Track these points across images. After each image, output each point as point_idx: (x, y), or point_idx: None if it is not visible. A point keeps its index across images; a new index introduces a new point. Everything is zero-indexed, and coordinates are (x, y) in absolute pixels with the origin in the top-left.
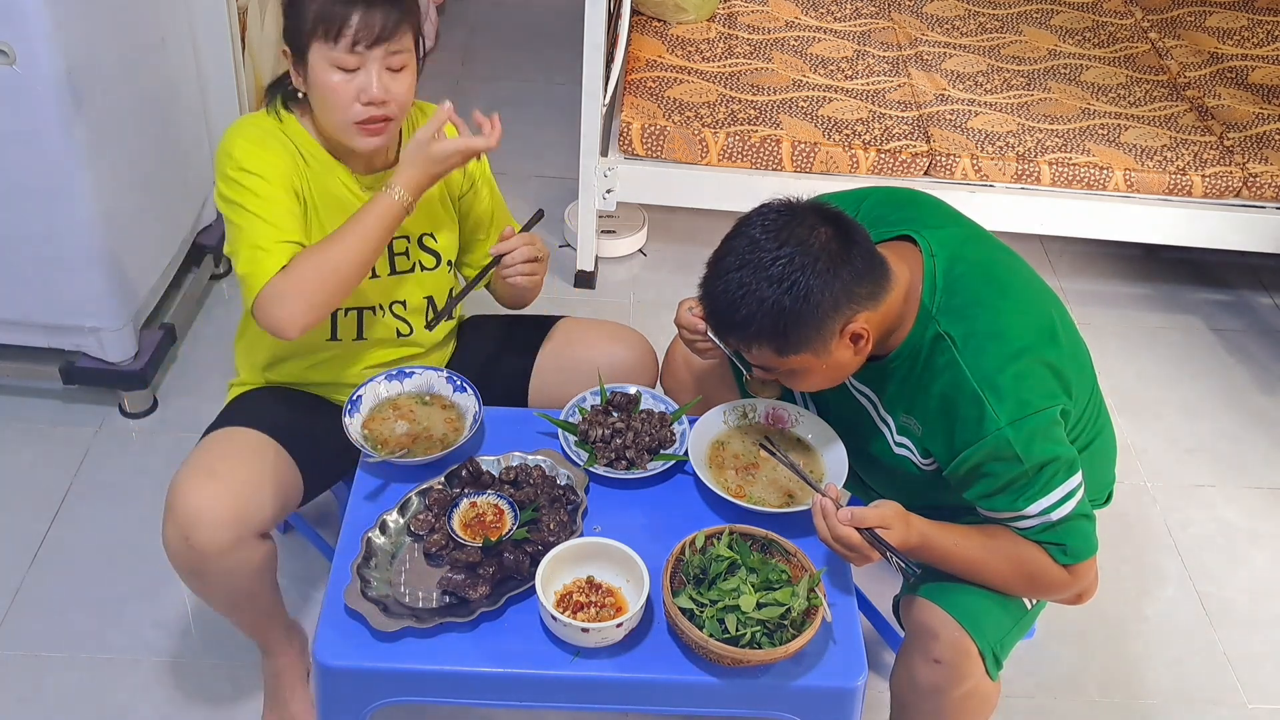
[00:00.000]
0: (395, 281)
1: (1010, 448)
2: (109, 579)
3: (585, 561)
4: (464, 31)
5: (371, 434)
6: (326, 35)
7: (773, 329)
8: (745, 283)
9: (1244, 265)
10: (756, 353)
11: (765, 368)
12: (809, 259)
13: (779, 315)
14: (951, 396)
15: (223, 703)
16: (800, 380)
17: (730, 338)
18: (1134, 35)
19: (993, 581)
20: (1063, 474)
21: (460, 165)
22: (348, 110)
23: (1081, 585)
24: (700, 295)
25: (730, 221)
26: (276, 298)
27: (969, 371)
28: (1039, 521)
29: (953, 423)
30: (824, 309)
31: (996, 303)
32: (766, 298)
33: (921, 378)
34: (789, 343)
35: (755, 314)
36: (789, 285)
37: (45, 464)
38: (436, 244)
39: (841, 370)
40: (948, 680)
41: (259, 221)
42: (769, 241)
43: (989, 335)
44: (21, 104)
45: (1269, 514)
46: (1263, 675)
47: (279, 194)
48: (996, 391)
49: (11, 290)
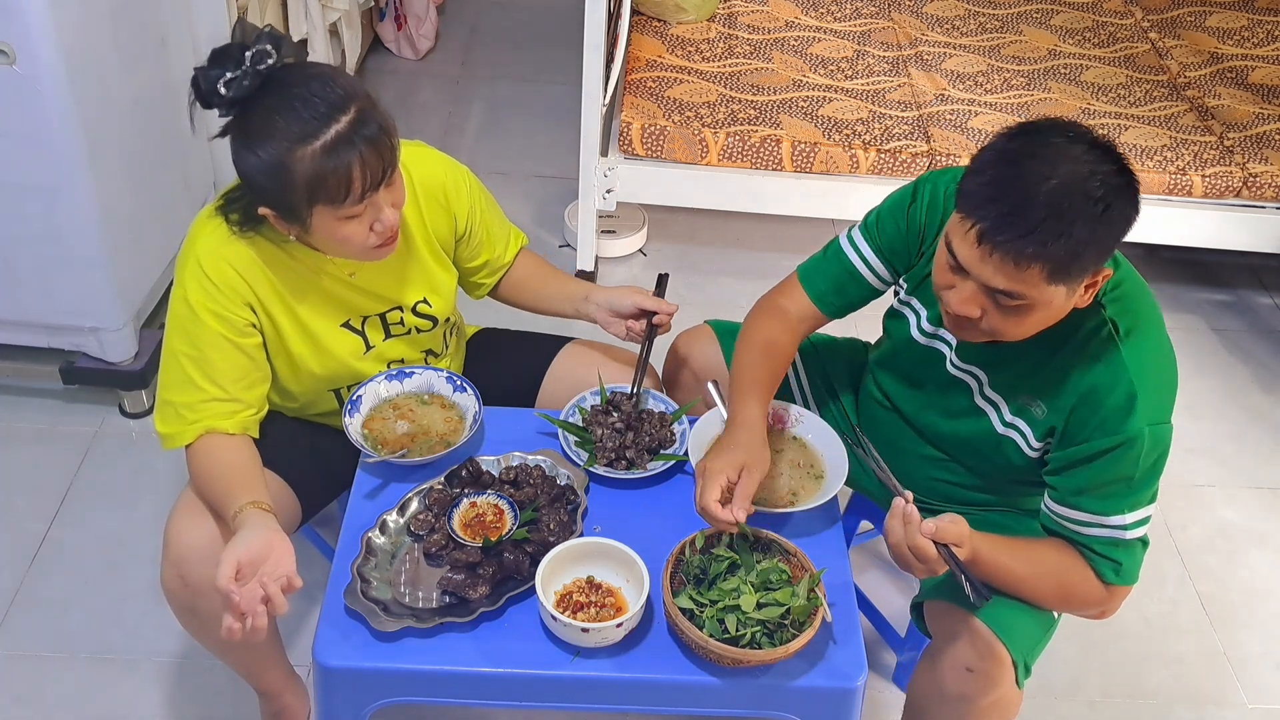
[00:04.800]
0: (390, 345)
1: (1138, 447)
2: (109, 579)
3: (585, 561)
4: (464, 31)
5: (371, 434)
6: (332, 199)
7: (1075, 248)
8: (1065, 193)
9: (1244, 265)
10: (1028, 274)
11: (1009, 295)
12: (1117, 189)
13: (1086, 239)
14: (1103, 387)
15: (223, 703)
16: (1020, 320)
17: (1012, 251)
18: (1134, 35)
19: (1030, 595)
20: (1152, 497)
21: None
22: (364, 245)
23: (1114, 606)
24: (983, 182)
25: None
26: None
27: (1130, 367)
28: (1112, 534)
29: (1095, 411)
30: (1108, 245)
31: (1154, 311)
32: (1079, 216)
33: (1065, 363)
34: (1072, 268)
35: (1064, 232)
36: (1105, 207)
37: (45, 464)
38: (432, 309)
39: (1051, 319)
40: (978, 689)
41: (189, 375)
42: (1082, 153)
43: (1150, 339)
44: (21, 104)
45: (1269, 514)
46: (1263, 675)
47: (224, 345)
48: (1149, 391)
49: (11, 290)
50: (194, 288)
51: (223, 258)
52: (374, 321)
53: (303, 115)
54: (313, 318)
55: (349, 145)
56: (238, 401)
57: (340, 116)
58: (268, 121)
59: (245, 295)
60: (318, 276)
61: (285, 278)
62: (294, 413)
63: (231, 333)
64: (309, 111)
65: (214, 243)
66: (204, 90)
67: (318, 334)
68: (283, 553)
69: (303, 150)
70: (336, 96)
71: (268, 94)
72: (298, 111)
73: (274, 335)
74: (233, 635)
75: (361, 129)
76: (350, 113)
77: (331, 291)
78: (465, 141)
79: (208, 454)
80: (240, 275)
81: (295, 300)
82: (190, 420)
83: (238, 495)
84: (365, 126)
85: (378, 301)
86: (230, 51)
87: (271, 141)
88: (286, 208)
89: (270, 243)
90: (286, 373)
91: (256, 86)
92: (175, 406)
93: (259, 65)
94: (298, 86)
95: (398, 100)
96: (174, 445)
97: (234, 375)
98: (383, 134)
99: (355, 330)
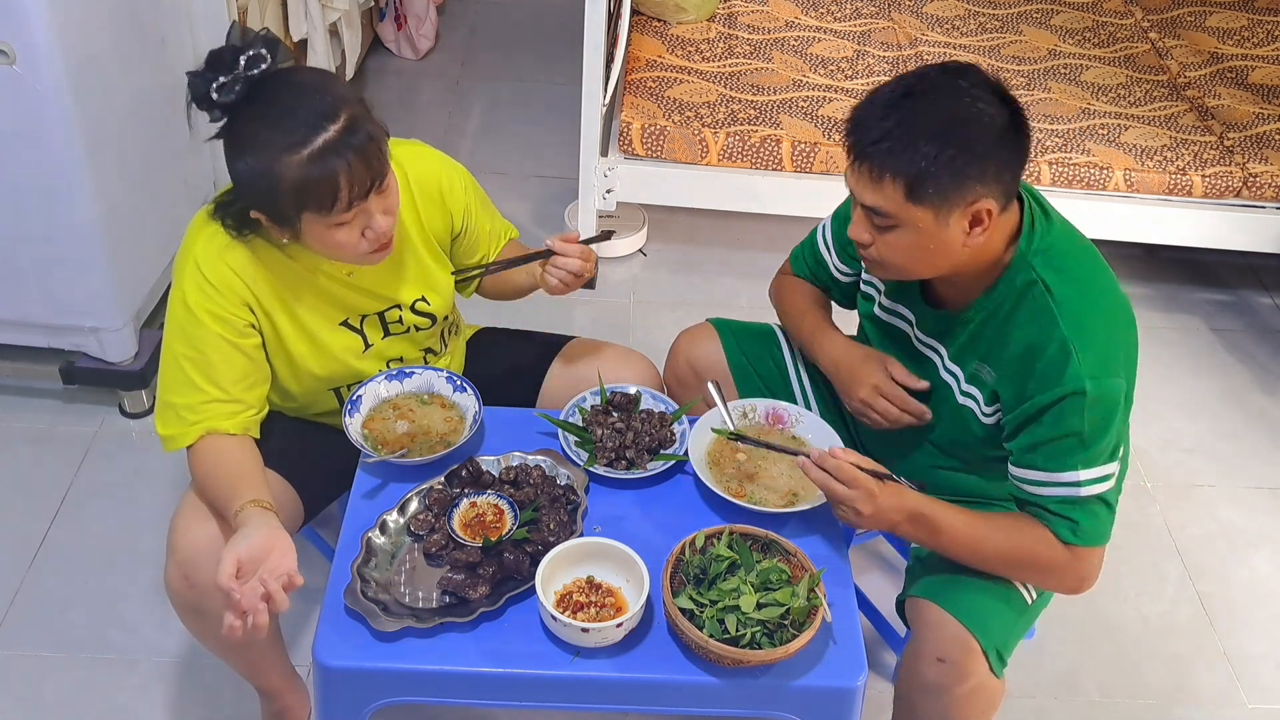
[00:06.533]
0: (389, 343)
1: (1081, 401)
2: (109, 579)
3: (585, 561)
4: (464, 31)
5: (371, 434)
6: (320, 207)
7: (919, 165)
8: (921, 112)
9: (1244, 265)
10: (887, 188)
11: (879, 212)
12: (984, 122)
13: (935, 155)
14: (1038, 344)
15: (223, 703)
16: (897, 248)
17: (869, 161)
18: (1134, 35)
19: (991, 561)
20: (1108, 454)
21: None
22: (356, 251)
23: (1081, 572)
24: (858, 106)
25: (730, 221)
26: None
27: (1062, 320)
28: (1066, 491)
29: (1033, 367)
30: (973, 170)
31: (1093, 268)
32: (930, 131)
33: (1004, 326)
34: (923, 189)
35: (913, 144)
36: (960, 131)
37: (45, 464)
38: (430, 306)
39: (939, 254)
40: (952, 678)
41: (190, 377)
42: (955, 84)
43: (1085, 292)
44: (21, 104)
45: (1269, 514)
46: (1263, 675)
47: (224, 346)
48: (1086, 343)
49: (11, 290)
50: (192, 289)
51: (220, 259)
52: (372, 320)
53: (289, 123)
54: (311, 317)
55: (335, 154)
56: (238, 402)
57: (328, 125)
58: (256, 128)
59: (244, 296)
60: (315, 276)
61: (283, 278)
62: (294, 412)
63: (231, 334)
64: (296, 119)
65: (211, 244)
66: (197, 94)
67: (316, 333)
68: (284, 550)
69: (289, 158)
70: (326, 104)
71: (258, 100)
72: (285, 119)
73: (273, 335)
74: (234, 633)
75: (350, 138)
76: (339, 121)
77: (329, 291)
78: (465, 141)
79: (209, 455)
80: (238, 276)
81: (293, 300)
82: (191, 422)
83: (239, 494)
84: (354, 135)
85: (376, 300)
86: (224, 56)
87: (259, 148)
88: (276, 214)
89: (267, 243)
90: (286, 373)
91: (247, 92)
92: (176, 408)
93: (251, 71)
94: (288, 93)
95: (398, 100)
96: (175, 447)
97: (234, 376)
98: (371, 143)
99: (354, 329)
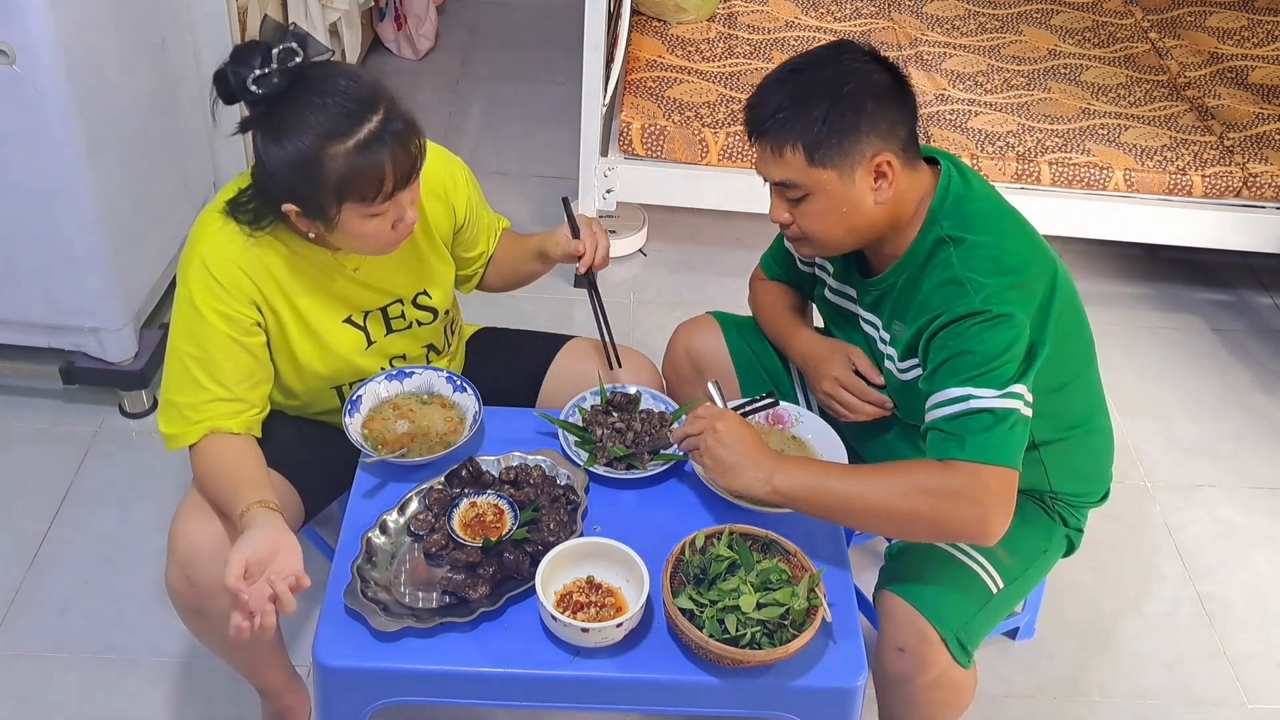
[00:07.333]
0: (391, 340)
1: (970, 321)
2: (109, 579)
3: (585, 561)
4: (464, 31)
5: (371, 434)
6: (363, 197)
7: (813, 128)
8: (806, 82)
9: (1244, 265)
10: (789, 158)
11: (788, 185)
12: (867, 82)
13: (825, 116)
14: (938, 290)
15: (223, 703)
16: (814, 217)
17: (768, 136)
18: (1134, 35)
19: (891, 513)
20: (1004, 381)
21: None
22: (383, 241)
23: (976, 494)
24: (750, 95)
25: (730, 221)
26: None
27: (956, 261)
28: (956, 409)
29: (929, 304)
30: (864, 128)
31: (1002, 228)
32: (818, 96)
33: (916, 281)
34: (821, 150)
35: (803, 111)
36: (843, 94)
37: (45, 464)
38: (432, 300)
39: (855, 215)
40: (912, 668)
41: (194, 376)
42: (836, 55)
43: (988, 249)
44: (21, 104)
45: (1269, 514)
46: (1263, 675)
47: (229, 345)
48: (980, 281)
49: (11, 290)
50: (199, 288)
51: (227, 257)
52: (375, 316)
53: (335, 112)
54: (316, 315)
55: (381, 143)
56: (242, 401)
57: (371, 115)
58: (299, 117)
59: (250, 294)
60: (320, 272)
61: (289, 275)
62: (295, 411)
63: (237, 332)
64: (342, 109)
65: (218, 242)
66: (232, 86)
67: (320, 331)
68: (290, 551)
69: (335, 147)
70: (367, 94)
71: (299, 90)
72: (330, 108)
73: (278, 333)
74: (241, 634)
75: (391, 126)
76: (380, 111)
77: (334, 287)
78: (465, 141)
79: (212, 454)
80: (245, 274)
81: (299, 297)
82: (194, 421)
83: (244, 494)
84: (394, 124)
85: (378, 295)
86: (257, 48)
87: (303, 137)
88: (313, 204)
89: (276, 240)
90: (289, 371)
91: (288, 83)
92: (179, 407)
93: (288, 63)
94: (329, 84)
95: None
96: (178, 446)
97: (239, 375)
98: (410, 132)
99: (357, 325)
